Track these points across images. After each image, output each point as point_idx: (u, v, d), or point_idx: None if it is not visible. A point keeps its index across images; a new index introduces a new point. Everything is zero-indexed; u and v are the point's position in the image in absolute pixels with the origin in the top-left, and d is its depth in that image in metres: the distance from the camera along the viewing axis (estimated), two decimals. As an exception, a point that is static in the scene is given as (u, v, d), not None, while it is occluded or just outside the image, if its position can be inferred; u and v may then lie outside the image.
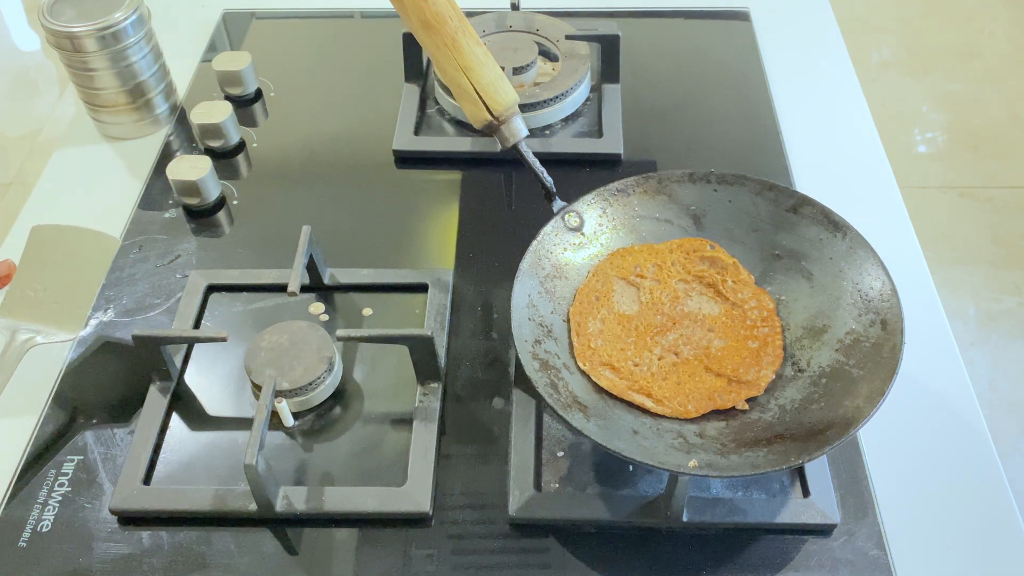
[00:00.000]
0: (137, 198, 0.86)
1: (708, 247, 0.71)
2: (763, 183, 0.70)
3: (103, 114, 0.91)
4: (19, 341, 0.69)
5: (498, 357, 0.72)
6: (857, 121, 0.92)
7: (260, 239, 0.82)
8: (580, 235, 0.70)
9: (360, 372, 0.71)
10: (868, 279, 0.64)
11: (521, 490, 0.62)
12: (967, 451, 0.66)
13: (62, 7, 0.85)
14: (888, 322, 0.61)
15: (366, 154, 0.90)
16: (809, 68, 0.99)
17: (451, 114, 0.92)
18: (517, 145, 0.72)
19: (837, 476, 0.63)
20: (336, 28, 1.07)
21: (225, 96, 0.95)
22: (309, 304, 0.75)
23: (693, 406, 0.63)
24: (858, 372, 0.60)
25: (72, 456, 0.66)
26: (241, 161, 0.90)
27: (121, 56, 0.86)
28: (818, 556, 0.60)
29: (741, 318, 0.67)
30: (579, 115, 0.92)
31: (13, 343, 0.69)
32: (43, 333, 0.70)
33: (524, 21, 0.97)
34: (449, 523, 0.62)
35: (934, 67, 2.35)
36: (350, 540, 0.61)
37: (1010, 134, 2.16)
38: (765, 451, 0.57)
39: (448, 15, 0.70)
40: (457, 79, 0.71)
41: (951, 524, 0.62)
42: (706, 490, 0.62)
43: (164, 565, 0.60)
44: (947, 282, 1.83)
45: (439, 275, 0.76)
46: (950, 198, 2.01)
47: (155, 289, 0.77)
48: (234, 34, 1.06)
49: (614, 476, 0.63)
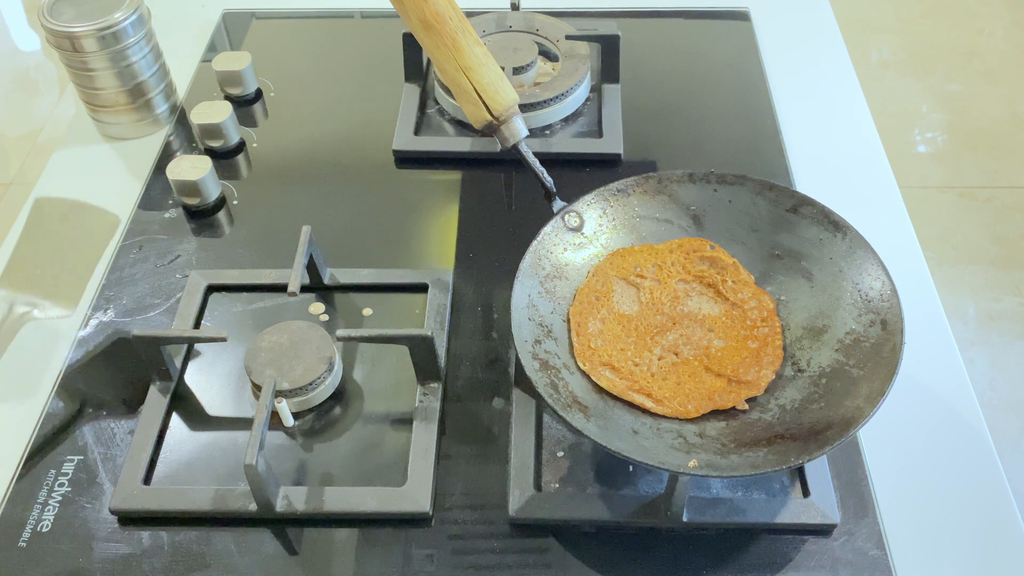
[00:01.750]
0: (137, 198, 0.86)
1: (708, 247, 0.71)
2: (763, 183, 0.70)
3: (103, 114, 0.91)
4: (16, 315, 0.69)
5: (498, 357, 0.72)
6: (857, 121, 0.92)
7: (260, 239, 0.82)
8: (580, 235, 0.70)
9: (360, 372, 0.71)
10: (868, 279, 0.64)
11: (521, 490, 0.62)
12: (967, 451, 0.66)
13: (62, 7, 0.85)
14: (888, 322, 0.61)
15: (366, 154, 0.90)
16: (809, 68, 0.99)
17: (451, 114, 0.92)
18: (517, 145, 0.72)
19: (837, 476, 0.63)
20: (336, 28, 1.07)
21: (225, 96, 0.95)
22: (309, 304, 0.75)
23: (693, 406, 0.63)
24: (858, 372, 0.60)
25: (72, 456, 0.66)
26: (241, 161, 0.90)
27: (121, 56, 0.86)
28: (818, 556, 0.60)
29: (741, 318, 0.67)
30: (579, 115, 0.92)
31: (10, 316, 0.69)
32: (40, 307, 0.69)
33: (524, 21, 0.97)
34: (449, 523, 0.62)
35: (934, 67, 2.35)
36: (350, 540, 0.61)
37: (1010, 134, 2.16)
38: (765, 451, 0.57)
39: (448, 15, 0.70)
40: (457, 79, 0.71)
41: (951, 524, 0.62)
42: (706, 490, 0.62)
43: (164, 565, 0.60)
44: (947, 282, 1.83)
45: (439, 275, 0.76)
46: (950, 198, 2.01)
47: (155, 289, 0.77)
48: (234, 34, 1.06)
49: (614, 476, 0.63)
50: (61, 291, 0.78)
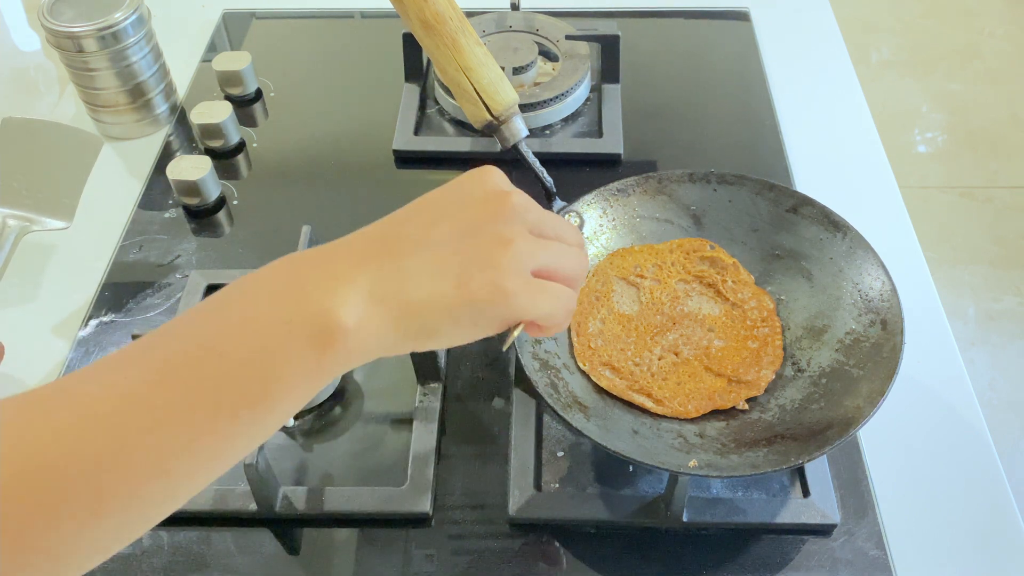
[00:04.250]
0: (137, 198, 0.86)
1: (708, 247, 0.71)
2: (763, 183, 0.70)
3: (103, 114, 0.91)
4: (12, 228, 0.68)
5: (498, 357, 0.72)
6: (857, 121, 0.92)
7: (260, 239, 0.82)
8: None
9: (360, 372, 0.71)
10: (868, 279, 0.64)
11: (521, 490, 0.62)
12: (967, 451, 0.66)
13: (62, 7, 0.85)
14: (888, 322, 0.61)
15: (366, 154, 0.90)
16: (809, 68, 0.99)
17: (451, 114, 0.92)
18: (517, 145, 0.72)
19: (837, 476, 0.63)
20: (336, 28, 1.07)
21: (225, 96, 0.95)
22: (309, 304, 0.75)
23: (693, 406, 0.63)
24: (858, 372, 0.60)
25: (72, 456, 0.66)
26: (241, 161, 0.90)
27: (121, 56, 0.86)
28: (818, 556, 0.60)
29: (741, 318, 0.67)
30: (579, 115, 0.92)
31: (6, 229, 0.68)
32: (36, 222, 0.69)
33: (524, 21, 0.97)
34: (449, 523, 0.62)
35: (934, 67, 2.35)
36: (350, 540, 0.61)
37: (1010, 134, 2.16)
38: (765, 451, 0.58)
39: (448, 15, 0.70)
40: (457, 79, 0.71)
41: (951, 524, 0.62)
42: (706, 490, 0.62)
43: (164, 565, 0.60)
44: (947, 282, 1.83)
45: (439, 275, 0.76)
46: (950, 198, 2.02)
47: (155, 289, 0.77)
48: (234, 34, 1.06)
49: (614, 476, 0.63)
50: (61, 291, 0.78)
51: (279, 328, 0.37)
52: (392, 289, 0.39)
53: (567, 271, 0.44)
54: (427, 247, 0.41)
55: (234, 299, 0.39)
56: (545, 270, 0.43)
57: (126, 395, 0.35)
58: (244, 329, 0.37)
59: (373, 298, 0.39)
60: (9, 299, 0.77)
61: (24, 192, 0.71)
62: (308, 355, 0.37)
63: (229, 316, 0.38)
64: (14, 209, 0.70)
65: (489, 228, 0.42)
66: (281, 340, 0.37)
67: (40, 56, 2.36)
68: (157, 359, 0.36)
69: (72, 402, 0.35)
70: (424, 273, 0.40)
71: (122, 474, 0.34)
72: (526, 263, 0.42)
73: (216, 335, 0.37)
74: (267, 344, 0.37)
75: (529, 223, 0.44)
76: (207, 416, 0.36)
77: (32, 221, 0.69)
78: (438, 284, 0.40)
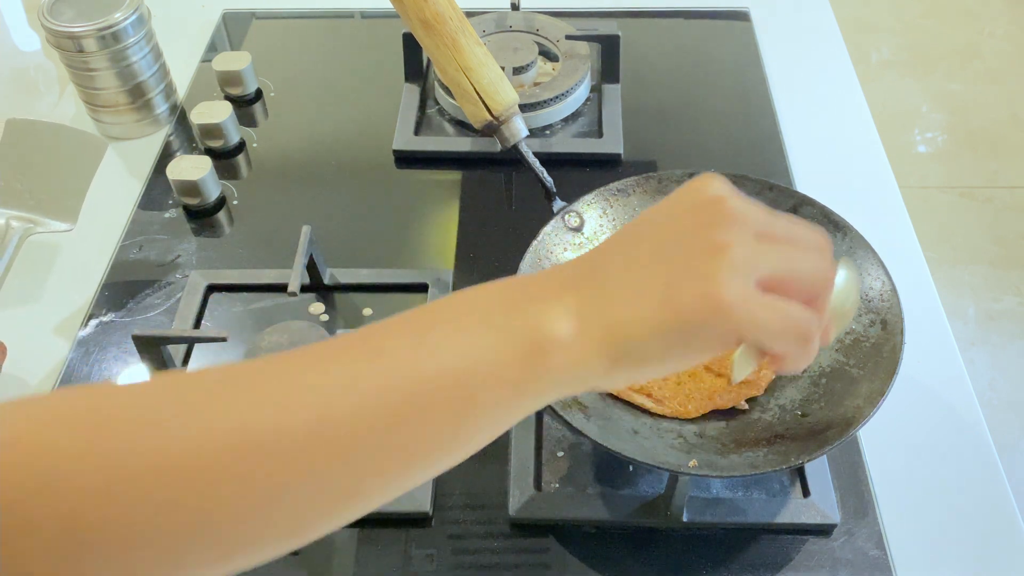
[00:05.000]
0: (137, 198, 0.86)
1: (708, 247, 0.70)
2: (763, 183, 0.70)
3: (103, 114, 0.91)
4: (16, 229, 0.68)
5: (498, 357, 0.71)
6: (857, 121, 0.92)
7: (260, 239, 0.82)
8: (580, 235, 0.70)
9: (360, 372, 0.71)
10: (868, 279, 0.64)
11: (521, 490, 0.62)
12: (967, 451, 0.66)
13: (62, 7, 0.85)
14: (888, 322, 0.61)
15: (366, 154, 0.90)
16: (809, 68, 0.99)
17: (451, 114, 0.92)
18: (517, 145, 0.72)
19: (837, 476, 0.63)
20: (336, 28, 1.07)
21: (225, 96, 0.95)
22: (309, 304, 0.75)
23: (693, 406, 0.63)
24: (858, 372, 0.60)
25: (72, 456, 0.66)
26: (241, 161, 0.90)
27: (121, 56, 0.86)
28: (818, 556, 0.60)
29: (741, 318, 0.67)
30: (579, 115, 0.92)
31: (9, 231, 0.68)
32: (40, 224, 0.69)
33: (524, 21, 0.97)
34: (449, 523, 0.62)
35: (934, 67, 2.35)
36: (350, 540, 0.61)
37: (1010, 134, 2.16)
38: (765, 451, 0.57)
39: (448, 15, 0.70)
40: (457, 79, 0.71)
41: (951, 524, 0.62)
42: (706, 490, 0.62)
43: (164, 565, 0.60)
44: (947, 282, 1.83)
45: (439, 275, 0.76)
46: (950, 198, 2.02)
47: (155, 289, 0.77)
48: (234, 34, 1.06)
49: (614, 476, 0.63)
50: (61, 291, 0.78)
51: (489, 334, 0.36)
52: (595, 311, 0.36)
53: (804, 280, 0.38)
54: (631, 264, 0.38)
55: (443, 311, 0.38)
56: (775, 279, 0.37)
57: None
58: (453, 337, 0.36)
59: (579, 317, 0.36)
60: (11, 299, 0.77)
61: (28, 194, 0.71)
62: (514, 366, 0.36)
63: (441, 328, 0.37)
64: (18, 211, 0.70)
65: (701, 235, 0.37)
66: (490, 344, 0.36)
67: (40, 56, 2.36)
68: (371, 388, 0.35)
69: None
70: (627, 292, 0.37)
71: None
72: (747, 272, 0.36)
73: (428, 348, 0.36)
74: (475, 347, 0.36)
75: (754, 227, 0.38)
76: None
77: (36, 223, 0.69)
78: (642, 302, 0.36)
